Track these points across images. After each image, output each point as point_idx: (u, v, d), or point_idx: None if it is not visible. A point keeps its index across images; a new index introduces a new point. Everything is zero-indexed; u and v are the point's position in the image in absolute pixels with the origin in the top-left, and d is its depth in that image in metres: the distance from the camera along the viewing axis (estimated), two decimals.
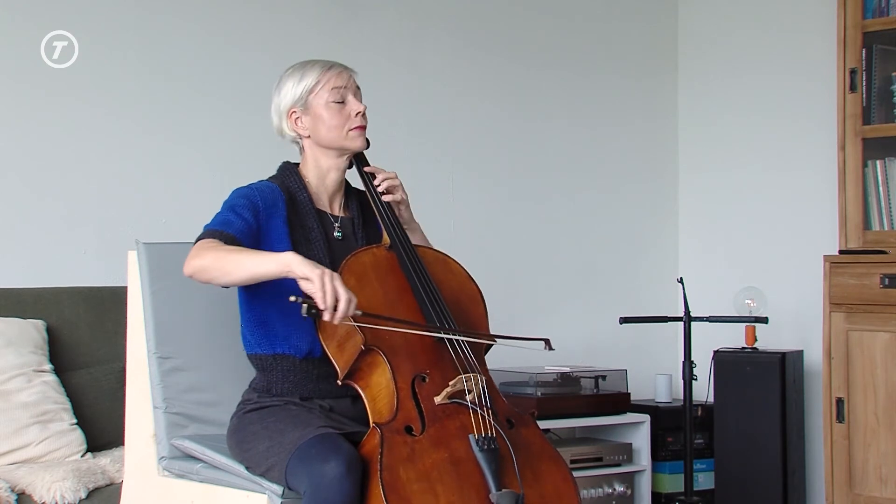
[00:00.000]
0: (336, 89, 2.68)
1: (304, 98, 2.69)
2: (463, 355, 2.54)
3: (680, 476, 4.34)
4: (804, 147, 4.76)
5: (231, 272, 2.46)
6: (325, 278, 2.34)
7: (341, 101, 2.69)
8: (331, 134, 2.69)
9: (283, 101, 2.72)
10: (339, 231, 2.72)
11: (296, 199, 2.69)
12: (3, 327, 3.37)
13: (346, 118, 2.69)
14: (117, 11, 3.92)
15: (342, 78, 2.70)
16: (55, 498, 2.96)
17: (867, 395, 4.07)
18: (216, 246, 2.49)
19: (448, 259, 2.78)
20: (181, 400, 2.84)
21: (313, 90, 2.68)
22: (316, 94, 2.68)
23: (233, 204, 2.61)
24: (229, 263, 2.46)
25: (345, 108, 2.69)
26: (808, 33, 4.74)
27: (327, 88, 2.68)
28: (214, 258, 2.46)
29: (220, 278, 2.48)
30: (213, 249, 2.48)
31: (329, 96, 2.68)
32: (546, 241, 4.87)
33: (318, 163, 2.73)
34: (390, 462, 2.33)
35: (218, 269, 2.47)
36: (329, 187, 2.75)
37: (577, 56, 4.98)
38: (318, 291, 2.33)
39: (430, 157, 4.57)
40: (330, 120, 2.68)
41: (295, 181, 2.71)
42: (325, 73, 2.69)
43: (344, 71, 2.72)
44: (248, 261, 2.45)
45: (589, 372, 4.42)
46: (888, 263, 4.03)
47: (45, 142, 3.79)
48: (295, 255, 2.41)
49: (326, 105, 2.68)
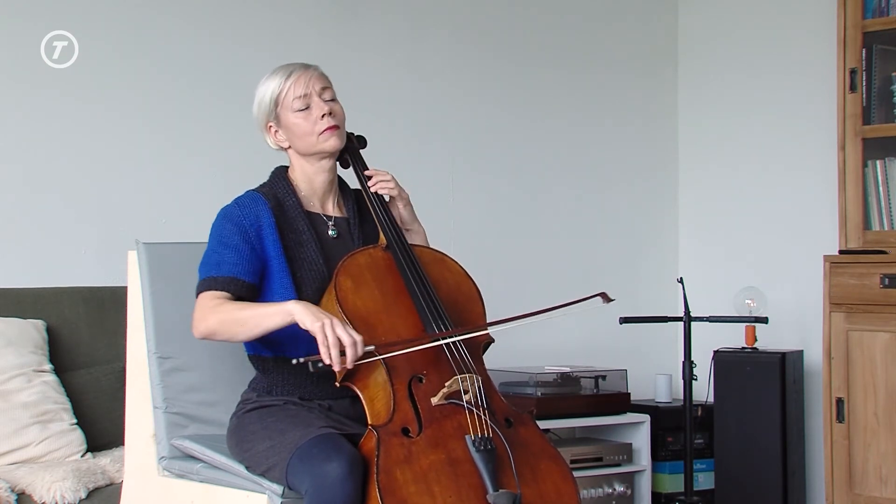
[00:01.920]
0: (298, 98, 2.67)
1: (274, 111, 2.70)
2: (459, 356, 2.54)
3: (680, 476, 4.34)
4: (804, 147, 4.76)
5: (239, 333, 2.53)
6: (326, 331, 2.40)
7: (306, 108, 2.68)
8: (303, 141, 2.70)
9: (259, 116, 2.74)
10: (333, 230, 2.72)
11: (283, 204, 2.68)
12: (3, 327, 3.37)
13: (314, 122, 2.68)
14: (117, 11, 3.92)
15: (300, 85, 2.68)
16: (55, 498, 2.96)
17: (867, 395, 4.07)
18: (217, 306, 2.53)
19: (445, 258, 2.78)
20: (181, 400, 2.84)
21: (279, 102, 2.69)
22: (282, 106, 2.69)
23: (221, 235, 2.63)
24: (234, 325, 2.52)
25: (311, 113, 2.68)
26: (808, 33, 4.74)
27: (290, 97, 2.68)
28: (219, 322, 2.53)
29: (232, 339, 2.56)
30: (215, 312, 2.53)
31: (294, 105, 2.68)
32: (546, 240, 4.87)
33: (304, 169, 2.74)
34: (387, 464, 2.33)
35: (226, 333, 2.54)
36: (319, 190, 2.75)
37: (577, 56, 4.98)
38: (322, 346, 2.40)
39: (430, 157, 4.57)
40: (300, 128, 2.68)
41: (283, 186, 2.72)
42: (284, 83, 2.69)
43: (303, 74, 2.70)
44: (252, 320, 2.50)
45: (589, 372, 4.42)
46: (888, 263, 4.03)
47: (45, 142, 3.79)
48: (297, 303, 2.47)
49: (293, 114, 2.68)
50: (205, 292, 2.58)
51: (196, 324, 2.56)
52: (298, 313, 2.44)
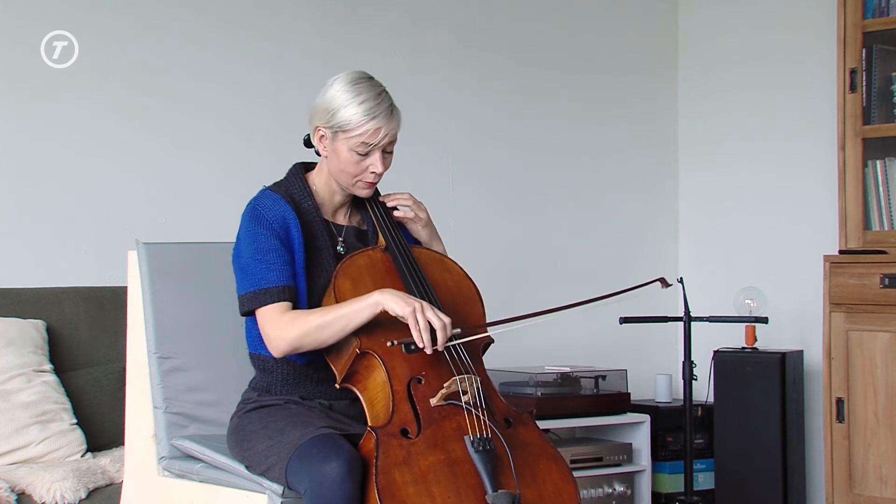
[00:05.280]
0: (364, 144, 2.60)
1: (334, 129, 2.61)
2: (458, 356, 2.54)
3: (680, 476, 4.34)
4: (804, 147, 4.76)
5: (327, 338, 2.50)
6: (417, 315, 2.43)
7: (365, 155, 2.62)
8: (341, 175, 2.65)
9: (317, 112, 2.64)
10: (342, 245, 2.70)
11: (301, 207, 2.66)
12: (3, 327, 3.37)
13: (362, 170, 2.63)
14: (117, 11, 3.92)
15: (376, 136, 2.59)
16: (55, 498, 2.96)
17: (867, 395, 4.07)
18: (293, 320, 2.50)
19: (445, 259, 2.78)
20: (181, 400, 2.84)
21: (345, 129, 2.59)
22: (345, 134, 2.60)
23: (257, 241, 2.57)
24: (320, 332, 2.49)
25: (364, 161, 2.62)
26: (808, 33, 4.74)
27: (358, 140, 2.59)
28: (302, 335, 2.50)
29: (321, 346, 2.52)
30: (294, 326, 2.50)
31: (356, 146, 2.60)
32: (546, 240, 4.87)
33: (329, 182, 2.70)
34: (385, 465, 2.33)
35: (313, 342, 2.51)
36: (337, 203, 2.73)
37: (577, 55, 4.97)
38: (414, 331, 2.43)
39: (430, 157, 4.57)
40: (345, 165, 2.62)
41: (300, 188, 2.68)
42: (364, 124, 2.58)
43: (384, 127, 2.60)
44: (338, 322, 2.48)
45: (589, 372, 4.42)
46: (888, 263, 4.03)
47: (45, 142, 3.79)
48: (382, 292, 2.47)
49: (349, 151, 2.61)
50: (265, 307, 2.53)
51: (276, 343, 2.51)
52: (387, 302, 2.45)
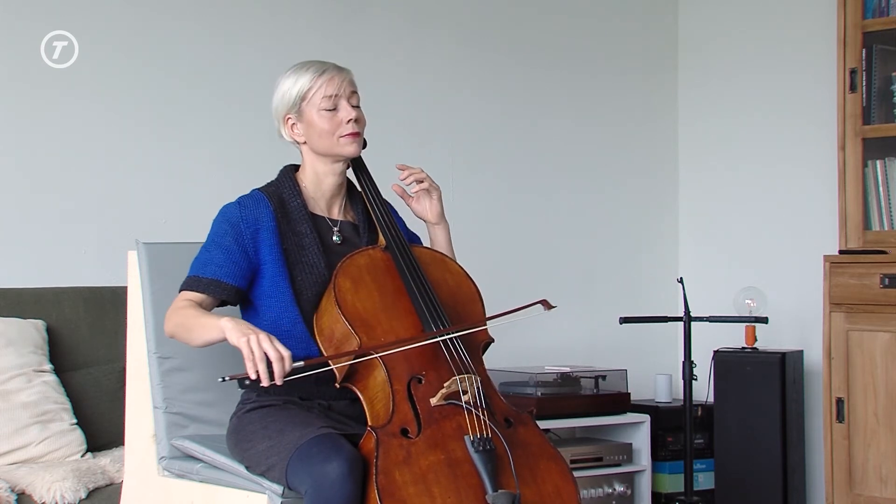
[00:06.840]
0: (327, 97, 2.65)
1: (298, 105, 2.67)
2: (458, 356, 2.54)
3: (680, 476, 4.34)
4: (804, 147, 4.76)
5: (192, 340, 2.56)
6: (252, 345, 2.36)
7: (333, 109, 2.66)
8: (323, 141, 2.67)
9: (279, 107, 2.70)
10: (338, 235, 2.71)
11: (287, 205, 2.67)
12: (3, 327, 3.37)
13: (338, 125, 2.66)
14: (117, 11, 3.92)
15: (333, 84, 2.65)
16: (55, 498, 2.96)
17: (867, 395, 4.07)
18: (181, 309, 2.56)
19: (445, 258, 2.78)
20: (181, 400, 2.84)
21: (306, 97, 2.65)
22: (308, 102, 2.66)
23: (216, 234, 2.64)
24: (186, 334, 2.55)
25: (336, 115, 2.66)
26: (808, 33, 4.74)
27: (319, 96, 2.65)
28: (175, 326, 2.57)
29: (188, 344, 2.58)
30: (176, 314, 2.56)
31: (321, 104, 2.65)
32: (546, 240, 4.87)
33: (315, 168, 2.72)
34: (386, 465, 2.32)
35: (181, 338, 2.58)
36: (326, 192, 2.74)
37: (577, 56, 4.98)
38: (248, 361, 2.37)
39: (430, 157, 4.56)
40: (321, 127, 2.66)
41: (289, 187, 2.70)
42: (317, 80, 2.65)
43: (336, 76, 2.67)
44: (195, 330, 2.52)
45: (589, 372, 4.42)
46: (888, 263, 4.03)
47: (44, 142, 3.79)
48: (229, 319, 2.45)
49: (318, 112, 2.65)
50: (184, 291, 2.60)
51: (166, 320, 2.61)
52: (228, 329, 2.43)
